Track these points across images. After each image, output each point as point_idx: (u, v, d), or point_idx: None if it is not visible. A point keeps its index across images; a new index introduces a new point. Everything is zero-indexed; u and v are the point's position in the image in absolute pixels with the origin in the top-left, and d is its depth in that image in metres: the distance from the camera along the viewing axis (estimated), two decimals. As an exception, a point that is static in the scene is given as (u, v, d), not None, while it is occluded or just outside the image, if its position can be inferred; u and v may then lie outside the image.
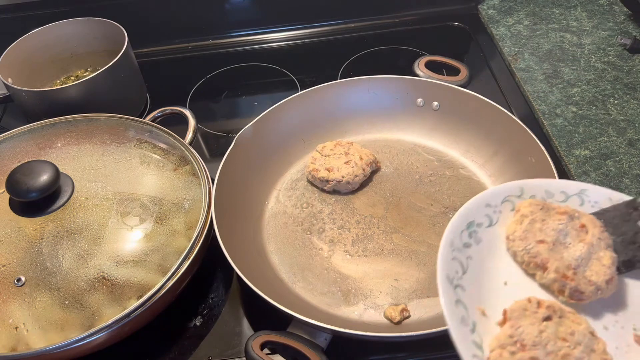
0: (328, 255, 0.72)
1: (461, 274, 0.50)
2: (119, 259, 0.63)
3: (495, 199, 0.55)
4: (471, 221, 0.53)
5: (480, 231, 0.53)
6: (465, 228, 0.53)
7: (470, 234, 0.53)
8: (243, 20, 1.13)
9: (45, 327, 0.58)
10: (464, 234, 0.52)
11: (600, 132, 0.83)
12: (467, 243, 0.52)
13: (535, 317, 0.48)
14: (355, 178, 0.78)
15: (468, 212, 0.54)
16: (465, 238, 0.52)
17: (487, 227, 0.54)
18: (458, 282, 0.49)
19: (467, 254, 0.52)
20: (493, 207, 0.55)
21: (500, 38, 1.03)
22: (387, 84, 0.85)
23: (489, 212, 0.54)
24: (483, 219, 0.54)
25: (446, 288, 0.48)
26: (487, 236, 0.53)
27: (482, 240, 0.53)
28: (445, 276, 0.49)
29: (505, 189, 0.56)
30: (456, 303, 0.48)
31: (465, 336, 0.46)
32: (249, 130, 0.79)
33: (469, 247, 0.52)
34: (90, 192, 0.68)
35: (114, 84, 0.88)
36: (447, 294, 0.48)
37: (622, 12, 1.05)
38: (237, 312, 0.69)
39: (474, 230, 0.53)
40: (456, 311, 0.47)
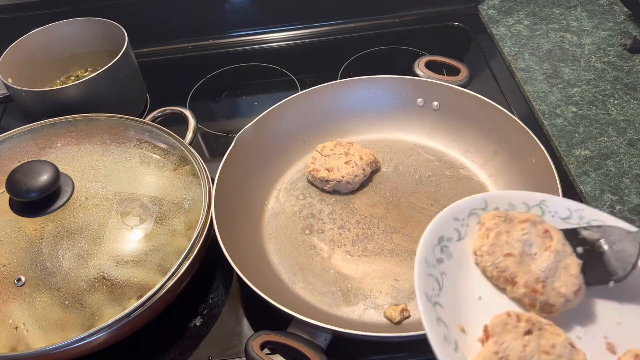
0: (328, 255, 0.72)
1: (438, 290, 0.49)
2: (119, 259, 0.63)
3: (462, 213, 0.55)
4: (442, 236, 0.53)
5: (451, 245, 0.53)
6: (437, 243, 0.53)
7: (442, 248, 0.53)
8: (243, 20, 1.13)
9: (45, 327, 0.58)
10: (436, 249, 0.52)
11: (600, 132, 0.83)
12: (440, 258, 0.52)
13: (516, 331, 0.47)
14: (355, 178, 0.78)
15: (438, 226, 0.53)
16: (438, 253, 0.52)
17: (457, 241, 0.54)
18: (436, 299, 0.49)
19: (441, 270, 0.51)
20: (461, 220, 0.55)
21: (500, 38, 1.03)
22: (387, 84, 0.85)
23: (457, 225, 0.54)
24: (452, 233, 0.54)
25: (426, 307, 0.47)
26: (458, 250, 0.53)
27: (454, 255, 0.53)
28: (424, 294, 0.48)
29: (470, 202, 0.56)
30: (437, 321, 0.47)
31: (450, 355, 0.45)
32: (249, 130, 0.79)
33: (441, 263, 0.52)
34: (90, 192, 0.68)
35: (114, 84, 0.88)
36: (428, 313, 0.47)
37: (622, 12, 1.05)
38: (237, 312, 0.69)
39: (444, 245, 0.53)
40: (438, 330, 0.46)
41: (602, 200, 0.74)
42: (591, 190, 0.75)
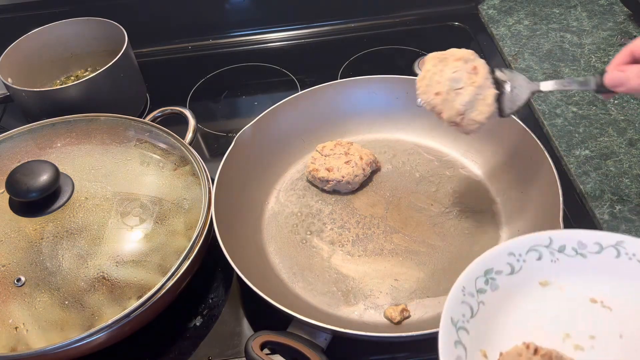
0: (328, 255, 0.72)
1: (469, 317, 0.50)
2: (119, 259, 0.63)
3: (521, 248, 0.54)
4: (490, 268, 0.53)
5: (499, 278, 0.53)
6: (482, 275, 0.52)
7: (487, 280, 0.52)
8: (243, 20, 1.13)
9: (45, 327, 0.58)
10: (479, 280, 0.52)
11: (600, 132, 0.83)
12: (481, 289, 0.52)
13: None
14: (355, 178, 0.78)
15: (487, 260, 0.53)
16: (481, 284, 0.52)
17: (508, 274, 0.53)
18: (463, 324, 0.49)
19: (480, 299, 0.51)
20: (517, 255, 0.54)
21: (500, 38, 1.03)
22: (387, 84, 0.85)
23: (511, 260, 0.54)
24: (504, 267, 0.53)
25: (447, 329, 0.48)
26: (507, 284, 0.53)
27: (500, 287, 0.52)
28: (450, 318, 0.49)
29: (532, 239, 0.54)
30: (455, 344, 0.48)
31: None
32: (249, 130, 0.79)
33: (483, 293, 0.52)
34: (90, 192, 0.68)
35: (114, 84, 0.88)
36: (446, 336, 0.47)
37: (622, 12, 1.05)
38: (237, 312, 0.69)
39: (491, 277, 0.53)
40: (453, 352, 0.47)
41: (602, 200, 0.74)
42: (591, 190, 0.75)
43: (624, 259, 0.53)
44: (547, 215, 0.67)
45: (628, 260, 0.53)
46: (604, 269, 0.53)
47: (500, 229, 0.73)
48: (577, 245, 0.54)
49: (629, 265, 0.53)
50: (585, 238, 0.54)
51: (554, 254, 0.54)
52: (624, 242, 0.53)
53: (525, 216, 0.72)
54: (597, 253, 0.54)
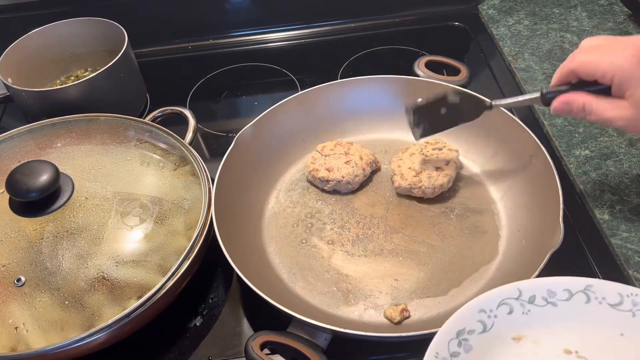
0: (328, 255, 0.72)
1: None
2: (119, 259, 0.63)
3: (490, 304, 0.53)
4: (462, 329, 0.51)
5: (472, 338, 0.51)
6: (455, 337, 0.51)
7: (460, 342, 0.51)
8: (243, 20, 1.13)
9: (45, 327, 0.58)
10: (452, 343, 0.50)
11: (600, 132, 0.83)
12: (455, 352, 0.50)
13: None
14: (355, 178, 0.78)
15: (459, 320, 0.52)
16: (454, 347, 0.50)
17: (481, 333, 0.52)
18: None
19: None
20: (488, 312, 0.53)
21: (500, 38, 1.03)
22: (387, 84, 0.85)
23: (482, 317, 0.52)
24: (476, 325, 0.52)
25: None
26: (480, 343, 0.51)
27: (473, 348, 0.51)
28: None
29: (501, 293, 0.53)
30: None
31: None
32: (249, 130, 0.79)
33: (456, 357, 0.50)
34: (90, 192, 0.68)
35: (114, 84, 0.87)
36: None
37: (622, 12, 1.05)
38: (237, 312, 0.69)
39: (464, 338, 0.51)
40: None
41: (602, 200, 0.74)
42: (591, 190, 0.75)
43: (594, 303, 0.52)
44: (547, 215, 0.67)
45: (598, 305, 0.52)
46: (576, 316, 0.52)
47: (500, 229, 0.73)
48: (547, 294, 0.53)
49: (599, 310, 0.52)
50: (554, 286, 0.53)
51: (524, 305, 0.53)
52: (592, 285, 0.53)
53: (525, 216, 0.72)
54: (567, 300, 0.53)
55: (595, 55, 0.58)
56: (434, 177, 0.75)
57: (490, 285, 0.67)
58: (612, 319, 0.52)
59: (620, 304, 0.52)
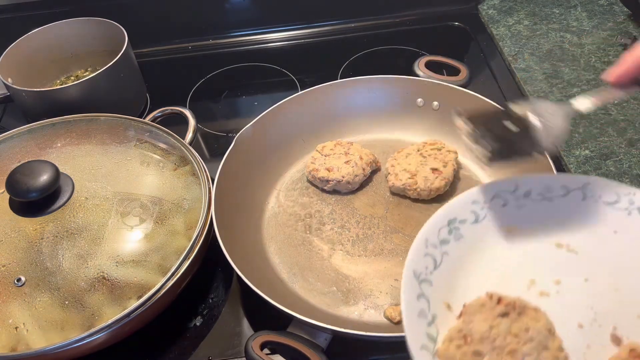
0: (328, 255, 0.72)
1: (432, 269, 0.49)
2: (119, 259, 0.63)
3: (484, 196, 0.52)
4: (453, 218, 0.51)
5: (463, 228, 0.51)
6: (446, 225, 0.51)
7: (451, 230, 0.51)
8: (243, 20, 1.13)
9: (45, 327, 0.58)
10: (442, 231, 0.50)
11: (600, 132, 0.83)
12: (445, 239, 0.50)
13: (491, 312, 0.46)
14: (355, 178, 0.78)
15: (451, 209, 0.51)
16: (444, 234, 0.50)
17: (472, 223, 0.51)
18: (426, 277, 0.48)
19: (443, 250, 0.50)
20: (481, 203, 0.52)
21: (500, 38, 1.03)
22: (387, 84, 0.85)
23: (475, 208, 0.52)
24: (468, 215, 0.52)
25: (410, 283, 0.47)
26: (471, 233, 0.51)
27: (464, 237, 0.51)
28: (412, 272, 0.48)
29: (497, 185, 0.53)
30: (418, 297, 0.47)
31: (418, 329, 0.45)
32: (249, 130, 0.79)
33: (446, 244, 0.50)
34: (90, 192, 0.68)
35: (114, 84, 0.88)
36: (409, 289, 0.47)
37: (622, 12, 1.05)
38: (237, 312, 0.69)
39: (455, 227, 0.51)
40: (416, 305, 0.46)
41: (602, 200, 0.74)
42: (591, 190, 0.75)
43: (590, 201, 0.52)
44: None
45: (594, 203, 0.52)
46: (570, 213, 0.52)
47: (500, 229, 0.73)
48: (543, 190, 0.52)
49: (594, 207, 0.51)
50: (552, 182, 0.53)
51: (519, 199, 0.52)
52: (590, 184, 0.52)
53: (525, 216, 0.72)
54: (563, 196, 0.52)
55: None
56: (430, 180, 0.75)
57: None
58: (607, 216, 0.51)
59: (617, 202, 0.51)
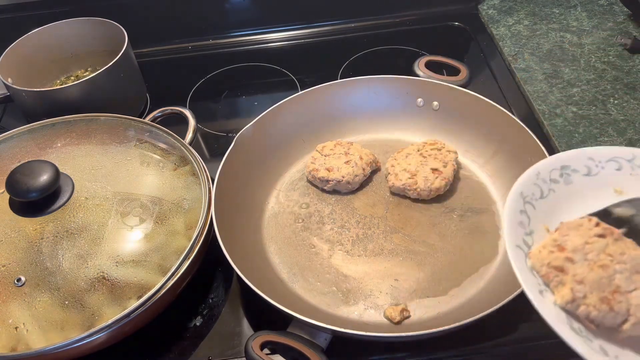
0: (328, 255, 0.72)
1: (538, 197, 0.51)
2: (119, 259, 0.63)
3: (600, 156, 0.54)
4: (567, 165, 0.53)
5: (575, 176, 0.53)
6: (558, 168, 0.53)
7: (562, 174, 0.53)
8: (243, 20, 1.13)
9: (45, 327, 0.58)
10: (554, 172, 0.53)
11: (600, 132, 0.83)
12: (555, 179, 0.53)
13: (587, 232, 0.47)
14: (355, 178, 0.78)
15: (565, 158, 0.54)
16: (555, 175, 0.53)
17: (584, 175, 0.53)
18: (531, 200, 0.51)
19: (551, 187, 0.52)
20: (596, 161, 0.54)
21: (500, 38, 1.03)
22: (387, 84, 0.85)
23: (590, 164, 0.54)
24: (581, 167, 0.54)
25: (515, 198, 0.50)
26: (581, 182, 0.53)
27: (573, 183, 0.53)
28: (520, 192, 0.51)
29: (615, 151, 0.54)
30: (520, 212, 0.50)
31: (516, 232, 0.48)
32: (249, 130, 0.79)
33: (555, 183, 0.53)
34: (90, 192, 0.68)
35: (114, 84, 0.88)
36: (514, 202, 0.50)
37: (622, 12, 1.05)
38: (237, 312, 0.69)
39: (567, 172, 0.53)
40: (517, 216, 0.49)
41: (602, 200, 0.74)
42: (591, 190, 0.75)
43: None
44: (547, 215, 0.67)
45: None
46: None
47: (500, 228, 0.73)
48: None
49: None
50: None
51: (634, 168, 0.54)
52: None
53: (525, 216, 0.72)
54: None
55: None
56: (430, 180, 0.75)
57: (491, 285, 0.67)
58: None
59: None
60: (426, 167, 0.76)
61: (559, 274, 0.46)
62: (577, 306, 0.45)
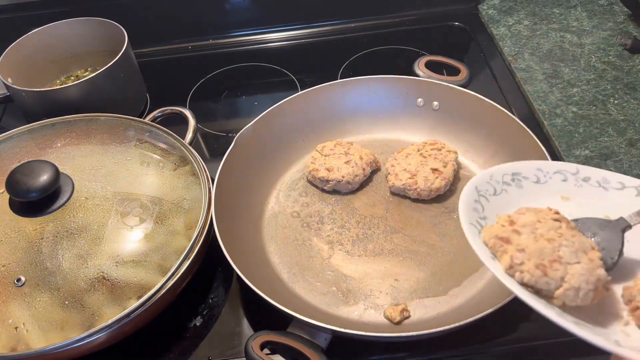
0: (328, 255, 0.72)
1: (491, 193, 0.56)
2: (119, 259, 0.63)
3: (548, 168, 0.59)
4: (517, 172, 0.58)
5: (525, 182, 0.58)
6: (510, 174, 0.58)
7: (514, 179, 0.58)
8: (243, 20, 1.13)
9: (45, 327, 0.58)
10: (506, 177, 0.57)
11: (600, 132, 0.83)
12: (507, 182, 0.57)
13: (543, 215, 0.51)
14: (355, 178, 0.78)
15: (516, 166, 0.59)
16: (507, 179, 0.57)
17: (534, 182, 0.58)
18: (485, 194, 0.55)
19: (504, 188, 0.57)
20: (544, 172, 0.58)
21: (500, 38, 1.03)
22: (387, 84, 0.85)
23: (538, 174, 0.58)
24: (531, 175, 0.58)
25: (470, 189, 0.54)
26: (531, 188, 0.58)
27: (524, 187, 0.57)
28: (475, 186, 0.55)
29: (561, 165, 0.59)
30: (475, 201, 0.54)
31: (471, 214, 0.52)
32: (249, 130, 0.79)
33: (508, 185, 0.57)
34: (90, 192, 0.68)
35: (114, 84, 0.88)
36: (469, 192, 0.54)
37: (622, 12, 1.05)
38: (237, 312, 0.69)
39: (518, 178, 0.58)
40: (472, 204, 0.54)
41: (602, 200, 0.74)
42: (591, 190, 0.75)
43: None
44: (547, 215, 0.67)
45: None
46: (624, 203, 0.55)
47: (500, 229, 0.73)
48: (601, 180, 0.58)
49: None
50: (611, 176, 0.58)
51: (578, 181, 0.58)
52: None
53: (525, 216, 0.72)
54: (619, 190, 0.57)
55: None
56: (431, 180, 0.75)
57: (491, 285, 0.67)
58: None
59: None
60: (426, 167, 0.76)
61: (503, 244, 0.49)
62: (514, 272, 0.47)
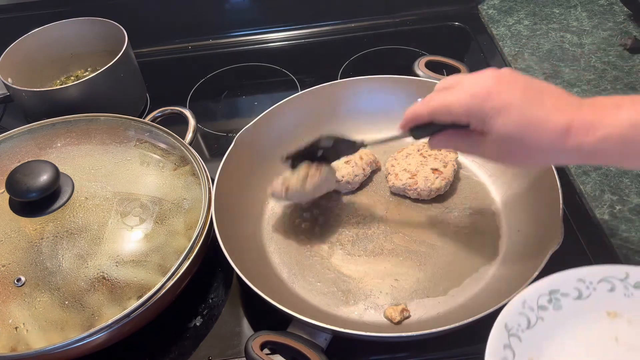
0: (328, 255, 0.72)
1: (524, 327, 0.51)
2: (119, 259, 0.63)
3: (591, 277, 0.53)
4: (555, 289, 0.53)
5: (564, 300, 0.53)
6: (547, 294, 0.53)
7: (551, 299, 0.53)
8: (243, 20, 1.13)
9: (45, 327, 0.58)
10: (542, 298, 0.53)
11: (600, 132, 0.83)
12: (543, 306, 0.52)
13: None
14: (355, 178, 0.78)
15: (554, 281, 0.53)
16: (543, 302, 0.52)
17: (575, 299, 0.53)
18: (516, 332, 0.50)
19: (540, 315, 0.52)
20: (587, 283, 0.53)
21: (500, 38, 1.03)
22: (387, 84, 0.85)
23: (580, 286, 0.53)
24: (571, 290, 0.53)
25: (499, 332, 0.50)
26: (572, 307, 0.53)
27: (563, 308, 0.52)
28: (504, 324, 0.50)
29: (607, 270, 0.54)
30: (504, 347, 0.49)
31: None
32: (249, 130, 0.79)
33: (544, 310, 0.52)
34: (90, 192, 0.68)
35: (114, 84, 0.88)
36: (497, 337, 0.49)
37: (622, 12, 1.05)
38: (237, 312, 0.69)
39: (556, 297, 0.53)
40: (501, 352, 0.49)
41: (602, 200, 0.74)
42: (591, 190, 0.75)
43: None
44: (547, 215, 0.67)
45: None
46: None
47: (500, 229, 0.73)
48: None
49: None
50: None
51: (628, 288, 0.53)
52: None
53: (525, 216, 0.72)
54: None
55: (447, 97, 0.54)
56: (431, 180, 0.75)
57: (491, 285, 0.67)
58: None
59: None
60: (426, 167, 0.76)
61: None
62: None
